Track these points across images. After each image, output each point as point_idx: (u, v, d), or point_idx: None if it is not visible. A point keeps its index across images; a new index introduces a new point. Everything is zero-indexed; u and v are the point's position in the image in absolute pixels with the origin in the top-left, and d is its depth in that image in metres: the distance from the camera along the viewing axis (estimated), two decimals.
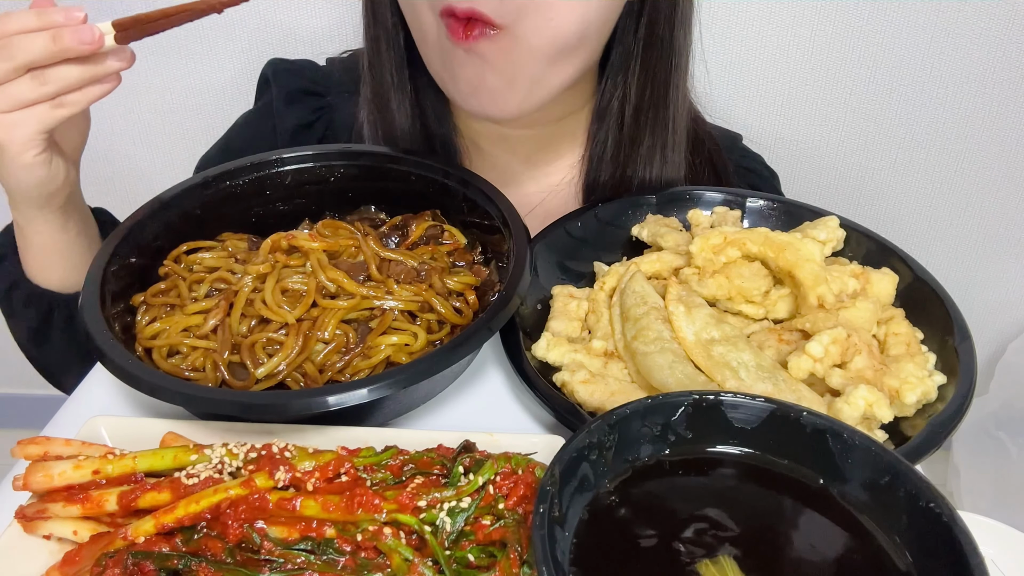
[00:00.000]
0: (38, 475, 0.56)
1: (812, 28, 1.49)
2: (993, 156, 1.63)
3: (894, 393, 0.66)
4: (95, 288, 0.68)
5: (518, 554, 0.51)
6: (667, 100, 0.86)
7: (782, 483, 0.52)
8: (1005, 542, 0.61)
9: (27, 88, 0.66)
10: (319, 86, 0.99)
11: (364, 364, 0.68)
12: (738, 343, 0.69)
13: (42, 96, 0.67)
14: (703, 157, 0.94)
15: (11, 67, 0.65)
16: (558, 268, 0.83)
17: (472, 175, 0.84)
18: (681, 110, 0.88)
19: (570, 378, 0.69)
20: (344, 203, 0.87)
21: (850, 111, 1.59)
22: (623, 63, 0.85)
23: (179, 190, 0.80)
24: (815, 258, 0.74)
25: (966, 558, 0.44)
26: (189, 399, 0.61)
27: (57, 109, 0.68)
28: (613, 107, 0.87)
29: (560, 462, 0.49)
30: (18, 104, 0.67)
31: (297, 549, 0.53)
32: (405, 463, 0.57)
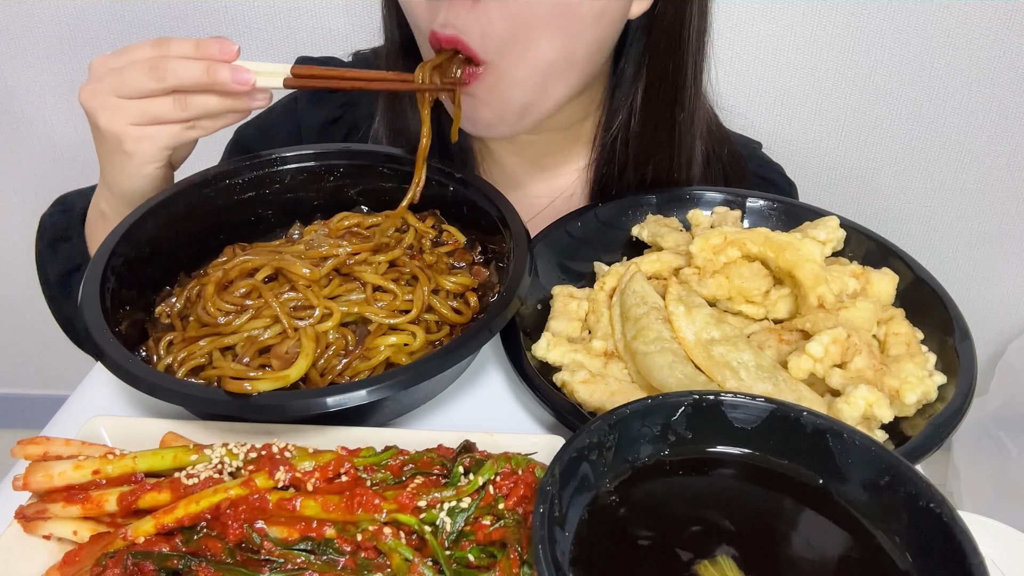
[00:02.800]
0: (38, 475, 0.56)
1: (812, 28, 1.49)
2: (993, 156, 1.64)
3: (894, 393, 0.66)
4: (95, 287, 0.68)
5: (518, 554, 0.51)
6: (675, 116, 0.86)
7: (782, 483, 0.52)
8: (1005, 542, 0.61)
9: (168, 108, 0.70)
10: None
11: (364, 366, 0.68)
12: (738, 343, 0.69)
13: (179, 118, 0.71)
14: (715, 168, 0.94)
15: (159, 87, 0.69)
16: (558, 268, 0.83)
17: (472, 176, 0.84)
18: (691, 124, 0.88)
19: (570, 378, 0.69)
20: (344, 203, 0.87)
21: (850, 111, 1.59)
22: (631, 79, 0.85)
23: (179, 188, 0.80)
24: (815, 258, 0.74)
25: (966, 558, 0.44)
26: (189, 399, 0.61)
27: (189, 131, 0.73)
28: (621, 121, 0.87)
29: (560, 462, 0.49)
30: (155, 121, 0.71)
31: (297, 549, 0.53)
32: (405, 463, 0.57)
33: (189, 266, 0.80)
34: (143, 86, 0.69)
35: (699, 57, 0.85)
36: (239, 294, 0.72)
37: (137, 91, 0.70)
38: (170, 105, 0.70)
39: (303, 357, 0.65)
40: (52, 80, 1.63)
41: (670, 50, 0.82)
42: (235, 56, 0.70)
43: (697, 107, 0.88)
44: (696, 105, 0.88)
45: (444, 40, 0.73)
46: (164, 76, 0.68)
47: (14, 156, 1.72)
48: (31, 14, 1.54)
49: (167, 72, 0.68)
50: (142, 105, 0.70)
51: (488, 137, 0.84)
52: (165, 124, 0.71)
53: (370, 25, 0.89)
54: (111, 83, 0.70)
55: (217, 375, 0.66)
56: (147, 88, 0.69)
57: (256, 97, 0.72)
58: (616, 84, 0.87)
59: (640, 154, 0.88)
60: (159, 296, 0.77)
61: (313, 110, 0.99)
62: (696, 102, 0.87)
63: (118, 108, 0.71)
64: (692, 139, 0.89)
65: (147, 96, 0.70)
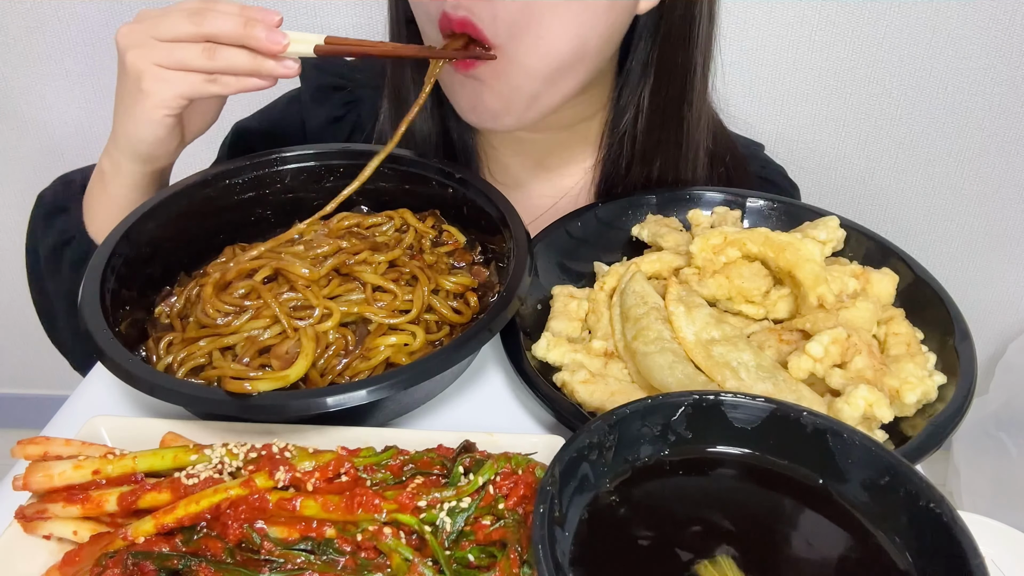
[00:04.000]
0: (38, 475, 0.56)
1: (812, 28, 1.49)
2: (993, 156, 1.64)
3: (894, 393, 0.66)
4: (95, 286, 0.68)
5: (518, 554, 0.51)
6: (682, 115, 0.86)
7: (782, 483, 0.52)
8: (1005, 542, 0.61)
9: (195, 55, 0.70)
10: (347, 80, 1.01)
11: (364, 366, 0.68)
12: (738, 343, 0.69)
13: (204, 68, 0.71)
14: (718, 171, 0.93)
15: (194, 32, 0.70)
16: (558, 268, 0.83)
17: (472, 176, 0.84)
18: (697, 124, 0.88)
19: (570, 378, 0.69)
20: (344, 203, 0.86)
21: (850, 111, 1.59)
22: (638, 77, 0.85)
23: (179, 188, 0.80)
24: (815, 258, 0.74)
25: (966, 558, 0.44)
26: (189, 399, 0.61)
27: (209, 84, 0.72)
28: (627, 120, 0.87)
29: (560, 462, 0.49)
30: (179, 66, 0.71)
31: (297, 549, 0.53)
32: (405, 463, 0.57)
33: (189, 266, 0.80)
34: (179, 29, 0.70)
35: (707, 54, 0.85)
36: (238, 295, 0.72)
37: (172, 33, 0.70)
38: (199, 52, 0.70)
39: (303, 357, 0.65)
40: (52, 80, 1.63)
41: (680, 46, 0.82)
42: (277, 23, 0.71)
43: (703, 105, 0.88)
44: (703, 103, 0.87)
45: (456, 22, 0.73)
46: (202, 22, 0.69)
47: (14, 156, 1.72)
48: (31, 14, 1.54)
49: (205, 18, 0.69)
50: (172, 48, 0.71)
51: (492, 128, 0.82)
52: (188, 72, 0.71)
53: (370, 25, 0.89)
54: (149, 24, 0.71)
55: (217, 375, 0.66)
56: (182, 31, 0.70)
57: (285, 64, 0.72)
58: (623, 82, 0.86)
59: (647, 152, 0.88)
60: (159, 296, 0.77)
61: (316, 108, 0.99)
62: (703, 100, 0.87)
63: (149, 46, 0.71)
64: (698, 138, 0.89)
65: (180, 40, 0.70)
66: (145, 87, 0.72)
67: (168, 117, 0.74)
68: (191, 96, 0.73)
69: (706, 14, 0.82)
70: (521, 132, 0.92)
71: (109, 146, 0.80)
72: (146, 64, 0.71)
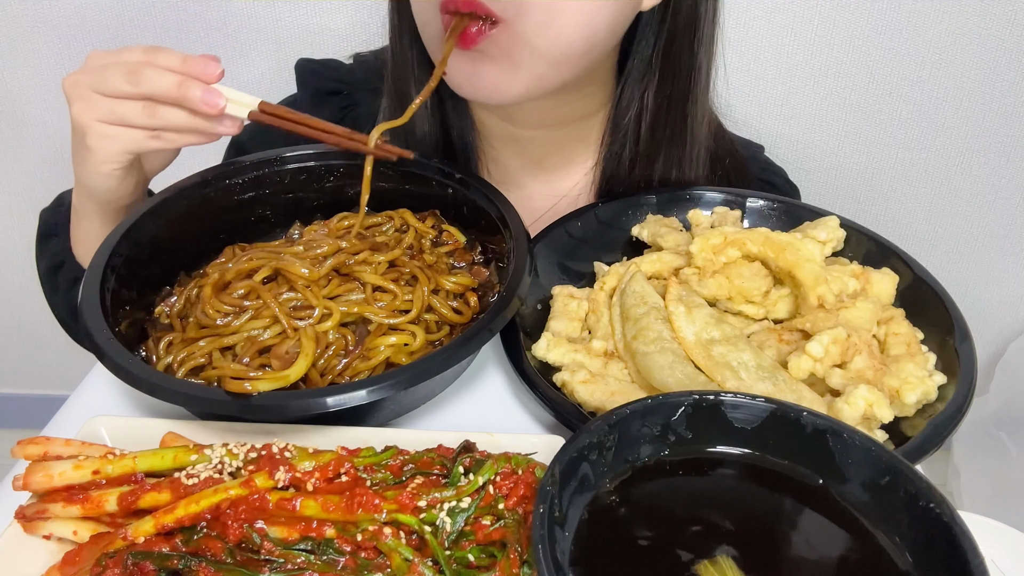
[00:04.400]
0: (38, 475, 0.56)
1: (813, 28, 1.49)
2: (993, 156, 1.64)
3: (894, 393, 0.66)
4: (95, 286, 0.68)
5: (518, 554, 0.51)
6: (685, 116, 0.86)
7: (782, 483, 0.52)
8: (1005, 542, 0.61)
9: (135, 113, 0.71)
10: (344, 84, 1.00)
11: (364, 366, 0.68)
12: (738, 343, 0.69)
13: (145, 125, 0.72)
14: (720, 174, 0.93)
15: (132, 91, 0.70)
16: (558, 268, 0.83)
17: (472, 176, 0.84)
18: (700, 124, 0.87)
19: (570, 378, 0.69)
20: (344, 203, 0.87)
21: (851, 111, 1.59)
22: (641, 75, 0.84)
23: (178, 188, 0.80)
24: (815, 258, 0.74)
25: (966, 558, 0.44)
26: (189, 399, 0.61)
27: (152, 140, 0.73)
28: (630, 119, 0.86)
29: (560, 462, 0.49)
30: (122, 122, 0.72)
31: (297, 549, 0.53)
32: (405, 463, 0.57)
33: (189, 266, 0.80)
34: (118, 86, 0.70)
35: (711, 53, 0.84)
36: (237, 295, 0.72)
37: (112, 90, 0.71)
38: (139, 110, 0.71)
39: (303, 357, 0.65)
40: (52, 80, 1.63)
41: (686, 44, 0.82)
42: (215, 78, 0.70)
43: (706, 105, 0.88)
44: (705, 103, 0.87)
45: (462, 2, 0.71)
46: (139, 81, 0.69)
47: (14, 156, 1.72)
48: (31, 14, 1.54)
49: (142, 78, 0.69)
50: (112, 104, 0.71)
51: (487, 100, 0.80)
52: (130, 128, 0.72)
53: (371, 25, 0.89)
54: (92, 77, 0.71)
55: (217, 375, 0.66)
56: (121, 89, 0.70)
57: (223, 123, 0.73)
58: (626, 80, 0.86)
59: (651, 151, 0.88)
60: (159, 296, 0.77)
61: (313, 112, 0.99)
62: (705, 99, 0.87)
63: (90, 101, 0.71)
64: (701, 137, 0.88)
65: (120, 97, 0.71)
66: (90, 143, 0.72)
67: (116, 170, 0.74)
68: (135, 151, 0.73)
69: (711, 12, 0.82)
70: (520, 130, 0.92)
71: (76, 186, 0.81)
72: (88, 120, 0.72)
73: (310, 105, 0.99)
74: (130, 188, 0.79)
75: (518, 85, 0.76)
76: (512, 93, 0.77)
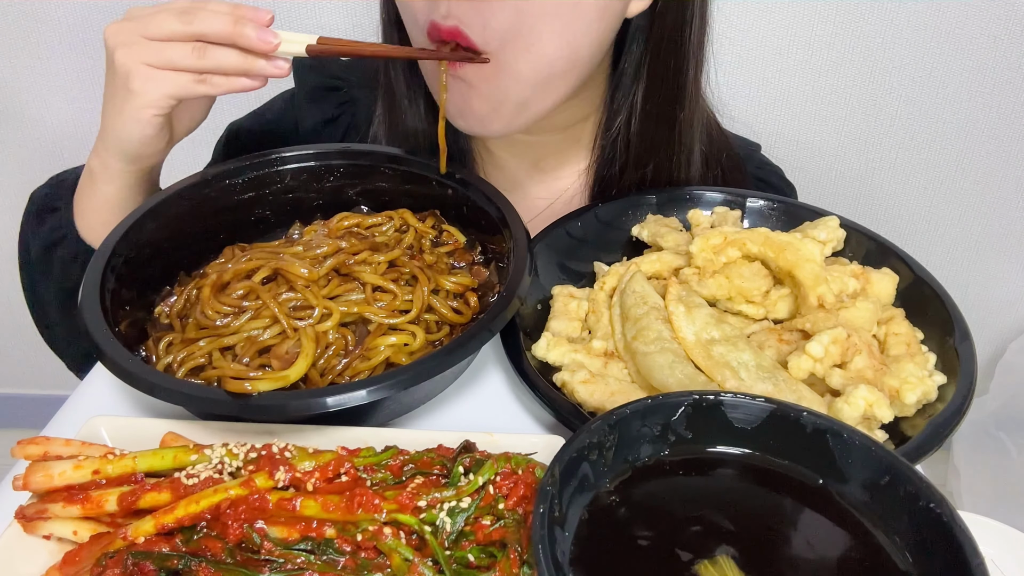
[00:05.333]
0: (38, 475, 0.56)
1: (812, 28, 1.49)
2: (993, 156, 1.64)
3: (894, 393, 0.66)
4: (95, 286, 0.68)
5: (518, 554, 0.51)
6: (675, 116, 0.86)
7: (782, 483, 0.52)
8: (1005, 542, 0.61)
9: (184, 54, 0.70)
10: (341, 81, 1.00)
11: (364, 366, 0.68)
12: (738, 343, 0.69)
13: (193, 67, 0.70)
14: (714, 172, 0.93)
15: (184, 31, 0.69)
16: (558, 268, 0.83)
17: (472, 176, 0.84)
18: (691, 125, 0.88)
19: (570, 378, 0.69)
20: (344, 203, 0.87)
21: (850, 111, 1.59)
22: (631, 79, 0.85)
23: (179, 188, 0.80)
24: (815, 258, 0.74)
25: (966, 558, 0.44)
26: (189, 399, 0.61)
27: (198, 84, 0.71)
28: (620, 122, 0.87)
29: (560, 462, 0.48)
30: (168, 65, 0.70)
31: (297, 549, 0.53)
32: (405, 463, 0.57)
33: (189, 266, 0.80)
34: (169, 27, 0.70)
35: (699, 56, 0.85)
36: (236, 296, 0.72)
37: (161, 32, 0.70)
38: (188, 51, 0.70)
39: (303, 357, 0.65)
40: (53, 80, 1.63)
41: (672, 49, 0.82)
42: (267, 22, 0.70)
43: (697, 107, 0.88)
44: (696, 105, 0.87)
45: (445, 32, 0.72)
46: (192, 20, 0.69)
47: (14, 156, 1.72)
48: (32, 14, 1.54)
49: (196, 18, 0.69)
50: (161, 46, 0.70)
51: (480, 134, 0.82)
52: (178, 71, 0.71)
53: (371, 25, 0.89)
54: (139, 23, 0.71)
55: (217, 375, 0.66)
56: (172, 30, 0.69)
57: (276, 64, 0.71)
58: (616, 85, 0.86)
59: (640, 155, 0.88)
60: (159, 296, 0.77)
61: (311, 108, 0.99)
62: (696, 102, 0.87)
63: (137, 45, 0.71)
64: (692, 139, 0.89)
65: (170, 39, 0.70)
66: (134, 86, 0.71)
67: (157, 117, 0.73)
68: (180, 96, 0.72)
69: (698, 16, 0.82)
70: (517, 135, 0.92)
71: (98, 145, 0.79)
72: (135, 63, 0.70)
73: (307, 102, 0.99)
74: (160, 145, 0.77)
75: (504, 115, 0.78)
76: (498, 126, 0.79)
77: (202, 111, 0.80)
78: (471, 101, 0.77)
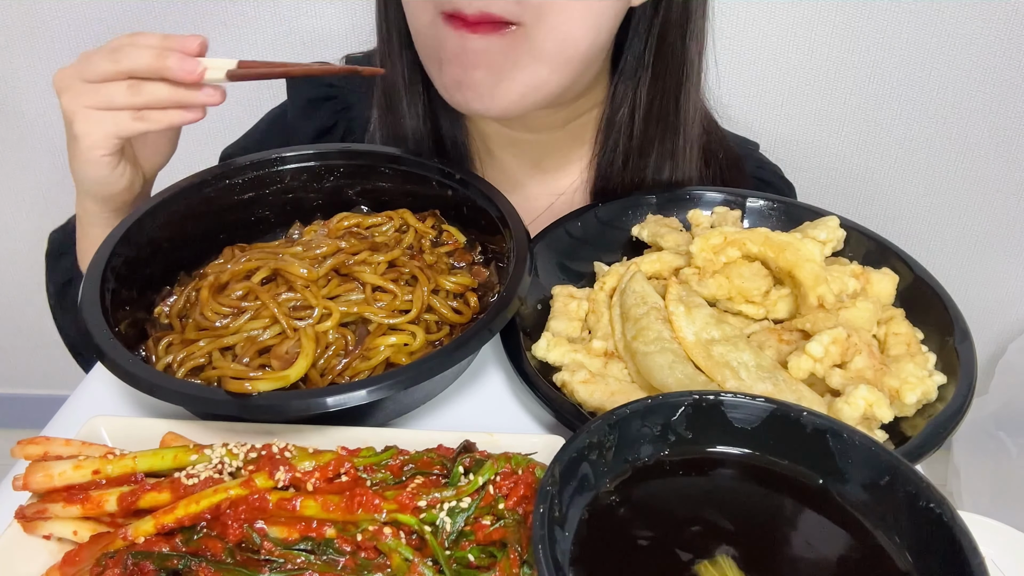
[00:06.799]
0: (38, 475, 0.56)
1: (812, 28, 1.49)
2: (993, 156, 1.64)
3: (894, 393, 0.66)
4: (95, 286, 0.68)
5: (518, 554, 0.51)
6: (677, 109, 0.86)
7: (782, 483, 0.52)
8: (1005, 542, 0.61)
9: (119, 92, 0.71)
10: (336, 88, 1.00)
11: (364, 366, 0.68)
12: (738, 343, 0.69)
13: (129, 104, 0.72)
14: (713, 168, 0.93)
15: (115, 69, 0.71)
16: (558, 268, 0.83)
17: (472, 176, 0.84)
18: (692, 118, 0.88)
19: (570, 378, 0.69)
20: (344, 203, 0.87)
21: (850, 111, 1.59)
22: (633, 71, 0.84)
23: (178, 188, 0.80)
24: (815, 258, 0.74)
25: (966, 558, 0.44)
26: (189, 399, 0.61)
27: (137, 121, 0.73)
28: (623, 114, 0.87)
29: (560, 462, 0.48)
30: (106, 104, 0.72)
31: (297, 549, 0.53)
32: (405, 463, 0.57)
33: (189, 266, 0.80)
34: (102, 68, 0.71)
35: (702, 45, 0.85)
36: (235, 296, 0.72)
37: (96, 74, 0.71)
38: (124, 89, 0.71)
39: (303, 357, 0.65)
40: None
41: (677, 38, 0.82)
42: (195, 51, 0.71)
43: (698, 97, 0.88)
44: (697, 95, 0.88)
45: (472, 18, 0.70)
46: (119, 59, 0.70)
47: (15, 156, 1.72)
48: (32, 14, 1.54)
49: (123, 55, 0.70)
50: (98, 87, 0.72)
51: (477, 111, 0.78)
52: (116, 110, 0.72)
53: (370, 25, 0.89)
54: (78, 66, 0.72)
55: (217, 375, 0.66)
56: (105, 70, 0.71)
57: (207, 92, 0.72)
58: (619, 77, 0.86)
59: (643, 145, 0.88)
60: (159, 296, 0.77)
61: (305, 121, 0.99)
62: (697, 91, 0.87)
63: (77, 89, 0.72)
64: (694, 131, 0.89)
65: (105, 79, 0.71)
66: (77, 130, 0.73)
67: (105, 157, 0.74)
68: (122, 135, 0.73)
69: (702, 5, 0.82)
70: (518, 133, 0.92)
71: (76, 190, 0.81)
72: (76, 107, 0.72)
73: (302, 113, 0.99)
74: (124, 182, 0.78)
75: (513, 91, 0.75)
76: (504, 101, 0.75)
77: (166, 144, 0.82)
78: (473, 72, 0.74)
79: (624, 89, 0.86)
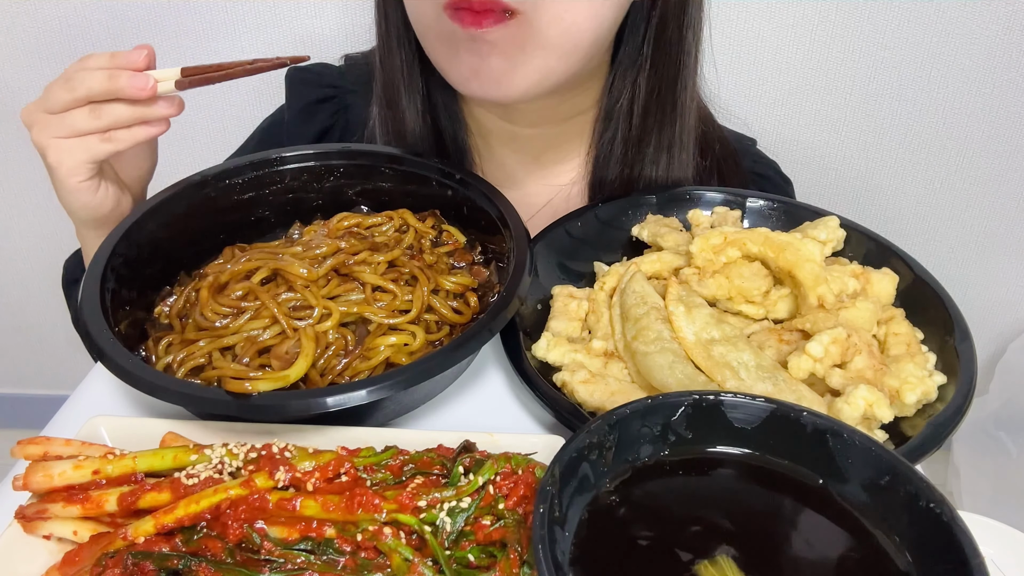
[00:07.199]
0: (38, 475, 0.56)
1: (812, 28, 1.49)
2: (993, 156, 1.64)
3: (894, 393, 0.66)
4: (95, 287, 0.68)
5: (518, 554, 0.51)
6: (675, 99, 0.86)
7: (782, 483, 0.52)
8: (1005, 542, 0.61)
9: (83, 119, 0.72)
10: (334, 89, 1.00)
11: (364, 366, 0.68)
12: (738, 343, 0.69)
13: (94, 128, 0.72)
14: (710, 161, 0.94)
15: (72, 98, 0.72)
16: (558, 268, 0.83)
17: (472, 175, 0.84)
18: (689, 109, 0.88)
19: (570, 378, 0.69)
20: (344, 203, 0.87)
21: (850, 111, 1.59)
22: (632, 62, 0.85)
23: (178, 189, 0.80)
24: (815, 258, 0.74)
25: (966, 558, 0.44)
26: (189, 399, 0.61)
27: (105, 143, 0.73)
28: (622, 106, 0.87)
29: (560, 462, 0.48)
30: (72, 132, 0.73)
31: (297, 549, 0.53)
32: (405, 463, 0.57)
33: (189, 266, 0.80)
34: (61, 98, 0.72)
35: (699, 35, 0.85)
36: (235, 296, 0.72)
37: (57, 104, 0.72)
38: (86, 115, 0.72)
39: (303, 357, 0.65)
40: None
41: (675, 28, 0.82)
42: (142, 64, 0.71)
43: (694, 88, 0.88)
44: (694, 86, 0.88)
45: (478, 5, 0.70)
46: (75, 86, 0.71)
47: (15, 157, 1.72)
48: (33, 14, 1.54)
49: (76, 82, 0.71)
50: (62, 117, 0.73)
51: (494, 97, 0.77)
52: (83, 136, 0.73)
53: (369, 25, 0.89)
54: (41, 100, 0.74)
55: (217, 375, 0.66)
56: (64, 99, 0.72)
57: (160, 104, 0.73)
58: (617, 69, 0.86)
59: (641, 136, 0.88)
60: (159, 296, 0.77)
61: (301, 127, 0.99)
62: (694, 82, 0.88)
63: (43, 122, 0.73)
64: (690, 122, 0.89)
65: (66, 108, 0.72)
66: (50, 161, 0.74)
67: (84, 183, 0.75)
68: (93, 159, 0.74)
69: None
70: (518, 128, 0.92)
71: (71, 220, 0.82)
72: (45, 139, 0.73)
73: (301, 116, 1.00)
74: (111, 203, 0.79)
75: (528, 78, 0.75)
76: (513, 90, 0.76)
77: (144, 158, 0.82)
78: (490, 60, 0.74)
79: (623, 80, 0.86)
